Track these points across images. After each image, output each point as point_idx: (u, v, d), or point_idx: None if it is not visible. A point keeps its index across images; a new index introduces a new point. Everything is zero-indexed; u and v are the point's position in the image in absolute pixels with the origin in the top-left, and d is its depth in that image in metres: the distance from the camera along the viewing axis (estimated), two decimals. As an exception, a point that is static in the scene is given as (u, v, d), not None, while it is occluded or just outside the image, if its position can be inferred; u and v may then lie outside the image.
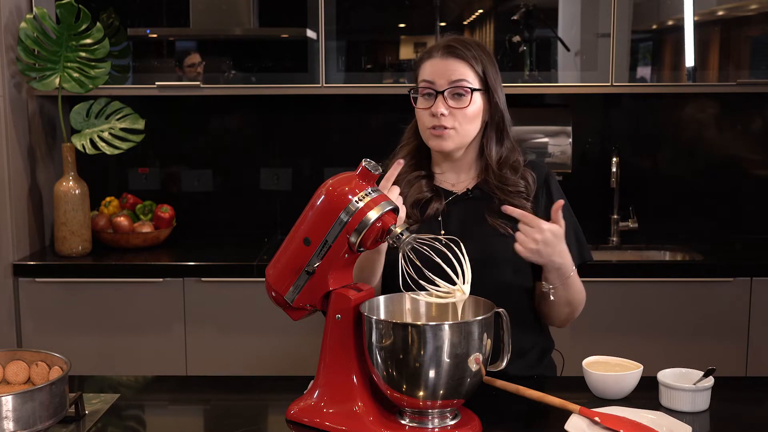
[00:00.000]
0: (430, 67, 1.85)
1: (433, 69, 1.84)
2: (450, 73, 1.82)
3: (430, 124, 1.84)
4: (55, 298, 2.92)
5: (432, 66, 1.85)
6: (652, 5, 3.15)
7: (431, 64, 1.85)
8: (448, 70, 1.83)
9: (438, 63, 1.84)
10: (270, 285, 1.61)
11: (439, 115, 1.81)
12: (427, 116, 1.84)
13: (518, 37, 3.09)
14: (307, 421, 1.56)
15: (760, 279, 2.87)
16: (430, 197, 1.90)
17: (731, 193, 3.39)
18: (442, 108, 1.81)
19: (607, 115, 3.42)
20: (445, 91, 1.82)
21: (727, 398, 1.70)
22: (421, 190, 1.90)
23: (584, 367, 1.71)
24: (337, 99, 3.38)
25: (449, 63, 1.83)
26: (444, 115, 1.82)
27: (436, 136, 1.84)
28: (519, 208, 1.85)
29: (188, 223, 3.37)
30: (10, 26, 2.94)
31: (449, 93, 1.82)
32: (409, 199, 1.89)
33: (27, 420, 1.43)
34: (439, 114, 1.81)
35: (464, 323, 1.45)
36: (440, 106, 1.82)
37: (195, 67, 3.18)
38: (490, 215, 1.87)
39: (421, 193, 1.90)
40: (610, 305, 2.88)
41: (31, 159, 3.08)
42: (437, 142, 1.85)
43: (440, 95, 1.82)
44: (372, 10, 3.19)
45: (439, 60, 1.84)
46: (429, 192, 1.90)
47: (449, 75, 1.82)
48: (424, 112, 1.85)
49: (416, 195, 1.89)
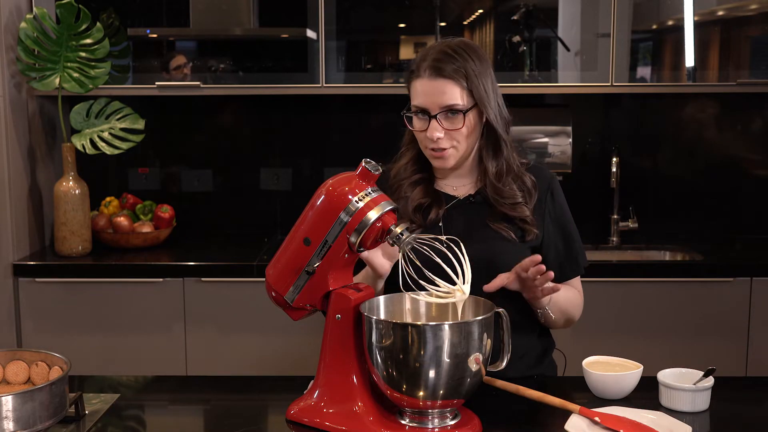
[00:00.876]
0: (420, 89, 1.82)
1: (423, 91, 1.81)
2: (439, 97, 1.79)
3: (429, 146, 1.83)
4: (55, 298, 2.92)
5: (421, 87, 1.81)
6: (652, 5, 3.15)
7: (420, 86, 1.81)
8: (437, 92, 1.79)
9: (426, 85, 1.80)
10: (270, 285, 1.61)
11: (435, 138, 1.80)
12: (424, 138, 1.83)
13: (518, 37, 3.09)
14: (307, 421, 1.56)
15: (760, 279, 2.87)
16: (431, 202, 1.89)
17: (731, 193, 3.39)
18: (437, 132, 1.80)
19: (607, 115, 3.42)
20: (437, 114, 1.80)
21: (727, 398, 1.70)
22: (422, 195, 1.89)
23: (584, 367, 1.71)
24: (337, 99, 3.37)
25: (437, 85, 1.79)
26: (440, 138, 1.81)
27: (436, 158, 1.85)
28: (517, 216, 1.86)
29: (188, 223, 3.37)
30: (10, 26, 2.94)
31: (442, 116, 1.80)
32: (410, 204, 1.88)
33: (27, 420, 1.43)
34: (435, 138, 1.80)
35: (464, 323, 1.45)
36: (435, 131, 1.80)
37: (181, 68, 3.18)
38: (492, 220, 1.87)
39: (422, 197, 1.89)
40: (610, 305, 2.88)
41: (31, 159, 3.08)
42: (439, 162, 1.86)
43: (433, 119, 1.80)
44: (372, 10, 3.19)
45: (427, 81, 1.80)
46: (430, 197, 1.89)
47: (439, 99, 1.79)
48: (421, 134, 1.84)
49: (418, 200, 1.88)
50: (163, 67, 3.18)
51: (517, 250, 1.85)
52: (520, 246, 1.86)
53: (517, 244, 1.85)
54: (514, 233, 1.86)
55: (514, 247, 1.85)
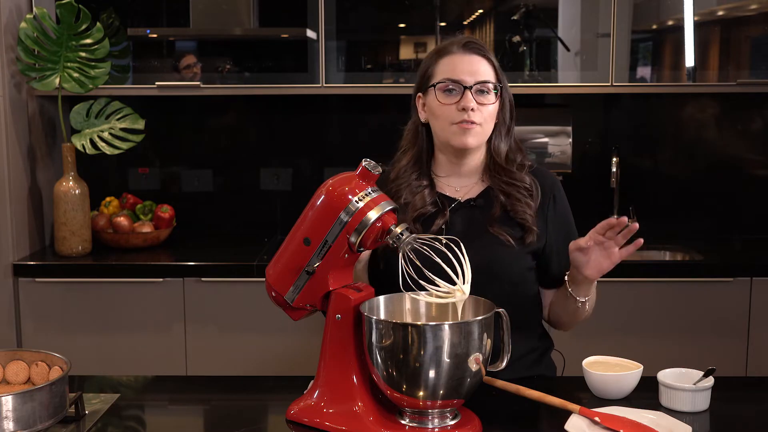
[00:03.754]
0: (451, 63, 1.82)
1: (457, 65, 1.82)
2: (475, 70, 1.81)
3: (459, 118, 1.80)
4: (55, 298, 2.92)
5: (453, 62, 1.82)
6: (652, 5, 3.15)
7: (452, 61, 1.83)
8: (473, 66, 1.81)
9: (461, 59, 1.82)
10: (270, 285, 1.61)
11: (469, 109, 1.79)
12: (454, 111, 1.81)
13: (518, 37, 3.09)
14: (307, 421, 1.56)
15: (759, 279, 2.87)
16: (435, 212, 1.87)
17: (731, 193, 3.39)
18: (472, 103, 1.79)
19: (607, 115, 3.42)
20: (472, 87, 1.80)
21: (727, 398, 1.70)
22: (424, 203, 1.86)
23: (584, 367, 1.71)
24: (337, 99, 3.38)
25: (473, 60, 1.82)
26: (473, 110, 1.80)
27: (462, 130, 1.81)
28: (525, 207, 1.85)
29: (188, 223, 3.37)
30: (10, 26, 2.94)
31: (475, 90, 1.81)
32: (411, 212, 1.86)
33: (27, 420, 1.43)
34: (470, 108, 1.79)
35: (464, 323, 1.45)
36: (471, 101, 1.79)
37: (191, 68, 3.18)
38: (492, 224, 1.85)
39: (424, 207, 1.86)
40: (610, 305, 2.88)
41: (31, 159, 3.08)
42: (462, 138, 1.82)
43: (468, 90, 1.80)
44: (372, 10, 3.19)
45: (462, 56, 1.82)
46: (432, 206, 1.87)
47: (474, 72, 1.81)
48: (449, 107, 1.81)
49: (419, 209, 1.86)
50: (173, 66, 3.18)
51: (517, 255, 1.85)
52: (519, 251, 1.85)
53: (517, 249, 1.85)
54: (514, 237, 1.85)
55: (513, 252, 1.84)
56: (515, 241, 1.84)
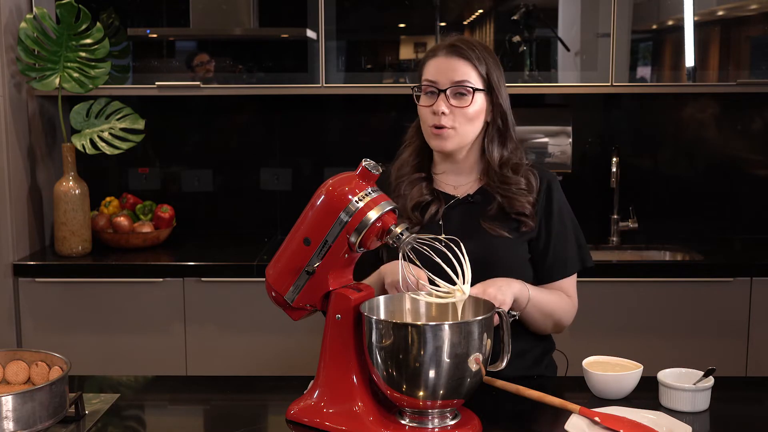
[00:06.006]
0: (434, 65, 1.85)
1: (437, 68, 1.85)
2: (453, 73, 1.83)
3: (431, 122, 1.84)
4: (55, 298, 2.92)
5: (436, 65, 1.85)
6: (652, 5, 3.15)
7: (435, 63, 1.85)
8: (451, 69, 1.83)
9: (441, 62, 1.84)
10: (270, 285, 1.61)
11: (439, 113, 1.82)
12: (429, 114, 1.85)
13: (518, 37, 3.09)
14: (307, 421, 1.56)
15: (760, 279, 2.87)
16: (430, 200, 1.90)
17: (731, 193, 3.39)
18: (443, 107, 1.82)
19: (607, 115, 3.42)
20: (447, 89, 1.82)
21: (727, 398, 1.70)
22: (421, 193, 1.90)
23: (584, 367, 1.71)
24: (337, 99, 3.37)
25: (452, 62, 1.83)
26: (444, 114, 1.82)
27: (436, 135, 1.85)
28: (522, 206, 1.86)
29: (188, 223, 3.37)
30: (10, 26, 2.94)
31: (451, 92, 1.82)
32: (409, 201, 1.89)
33: (27, 420, 1.43)
34: (439, 112, 1.82)
35: (464, 323, 1.45)
36: (441, 105, 1.82)
37: (204, 65, 3.19)
38: (488, 220, 1.87)
39: (422, 196, 1.90)
40: (610, 305, 2.88)
41: (31, 159, 3.08)
42: (438, 142, 1.85)
43: (442, 94, 1.82)
44: (372, 10, 3.19)
45: (443, 59, 1.84)
46: (429, 195, 1.90)
47: (452, 74, 1.83)
48: (426, 109, 1.85)
49: (417, 198, 1.90)
50: (187, 65, 3.19)
51: (514, 247, 1.86)
52: (516, 243, 1.86)
53: (513, 241, 1.86)
54: (509, 232, 1.86)
55: (510, 244, 1.85)
56: (511, 232, 1.85)
